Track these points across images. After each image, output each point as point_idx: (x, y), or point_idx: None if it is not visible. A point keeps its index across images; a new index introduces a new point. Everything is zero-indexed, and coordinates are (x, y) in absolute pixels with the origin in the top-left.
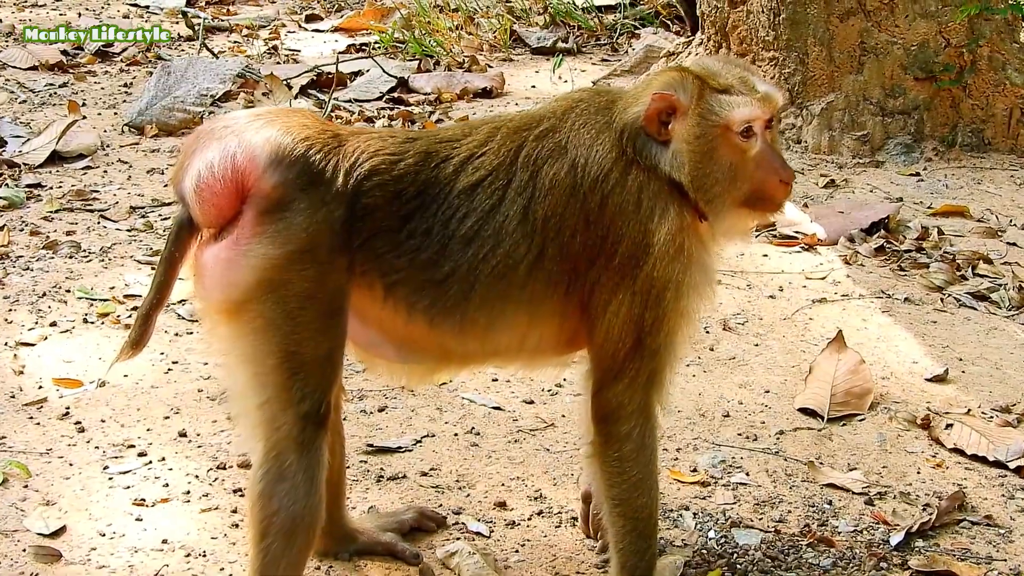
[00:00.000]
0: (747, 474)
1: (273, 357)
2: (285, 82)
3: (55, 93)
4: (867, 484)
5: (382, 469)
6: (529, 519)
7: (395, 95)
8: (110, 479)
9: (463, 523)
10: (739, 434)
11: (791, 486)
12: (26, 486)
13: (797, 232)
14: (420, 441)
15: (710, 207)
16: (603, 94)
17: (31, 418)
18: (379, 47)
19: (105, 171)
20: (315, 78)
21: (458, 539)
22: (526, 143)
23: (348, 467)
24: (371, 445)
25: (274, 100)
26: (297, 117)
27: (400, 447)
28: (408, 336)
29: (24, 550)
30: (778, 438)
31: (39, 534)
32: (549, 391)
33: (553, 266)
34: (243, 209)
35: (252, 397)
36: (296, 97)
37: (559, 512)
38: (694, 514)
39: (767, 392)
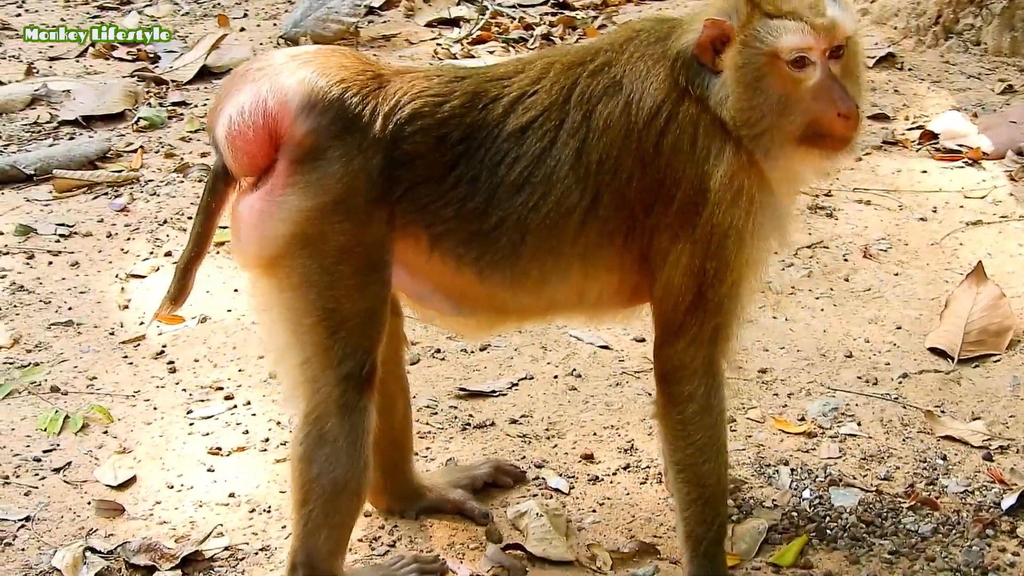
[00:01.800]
0: (859, 424)
1: (310, 315)
2: None
3: (219, 3)
4: (988, 436)
5: (471, 415)
6: (614, 474)
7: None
8: (191, 424)
9: (543, 478)
10: (859, 377)
11: (904, 438)
12: (105, 432)
13: (961, 145)
14: (516, 384)
15: (757, 144)
16: (665, 22)
17: (125, 357)
18: None
19: None
20: None
21: (535, 496)
22: (580, 79)
23: (435, 413)
24: (463, 389)
25: (434, 6)
26: (336, 57)
27: (494, 391)
28: (458, 289)
29: (89, 503)
30: (900, 382)
31: (107, 485)
32: None
33: (609, 214)
34: (277, 157)
35: (291, 356)
36: (458, 3)
37: (647, 466)
38: (792, 470)
39: (898, 329)
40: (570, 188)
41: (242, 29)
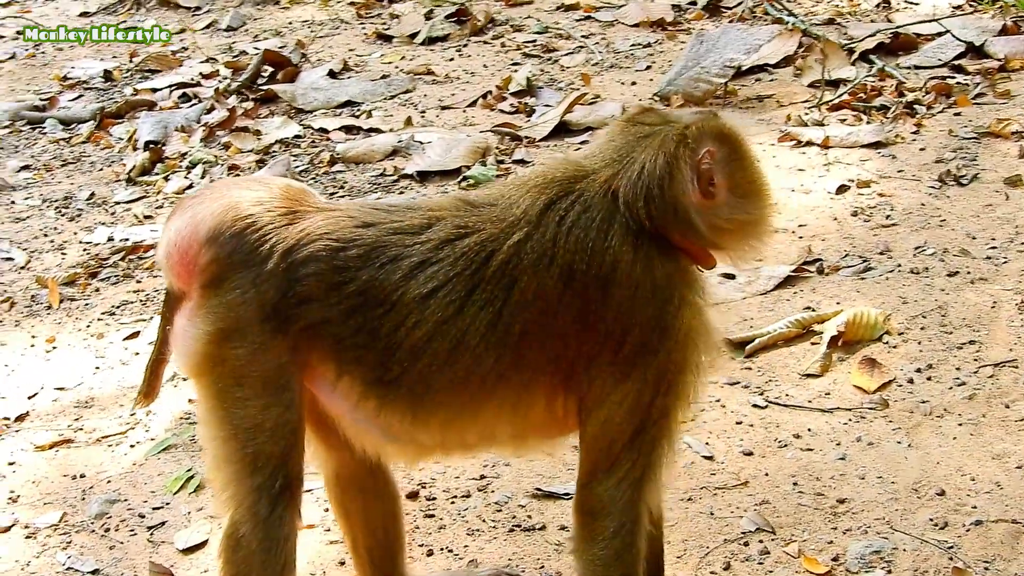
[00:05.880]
0: (888, 572)
1: (223, 429)
2: (846, 47)
3: (632, 55)
4: None
5: (528, 517)
6: None
7: (959, 62)
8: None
9: None
10: (930, 519)
11: None
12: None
13: None
14: None
15: (746, 251)
16: (577, 180)
17: None
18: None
19: None
20: (886, 41)
21: None
22: (496, 254)
23: (499, 511)
24: (539, 489)
25: (826, 67)
26: (261, 191)
27: (568, 494)
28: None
29: (150, 560)
30: (968, 530)
31: (177, 549)
32: (779, 443)
33: (531, 376)
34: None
35: (213, 464)
36: (853, 63)
37: None
38: None
39: (1018, 468)
40: (481, 356)
41: (633, 83)
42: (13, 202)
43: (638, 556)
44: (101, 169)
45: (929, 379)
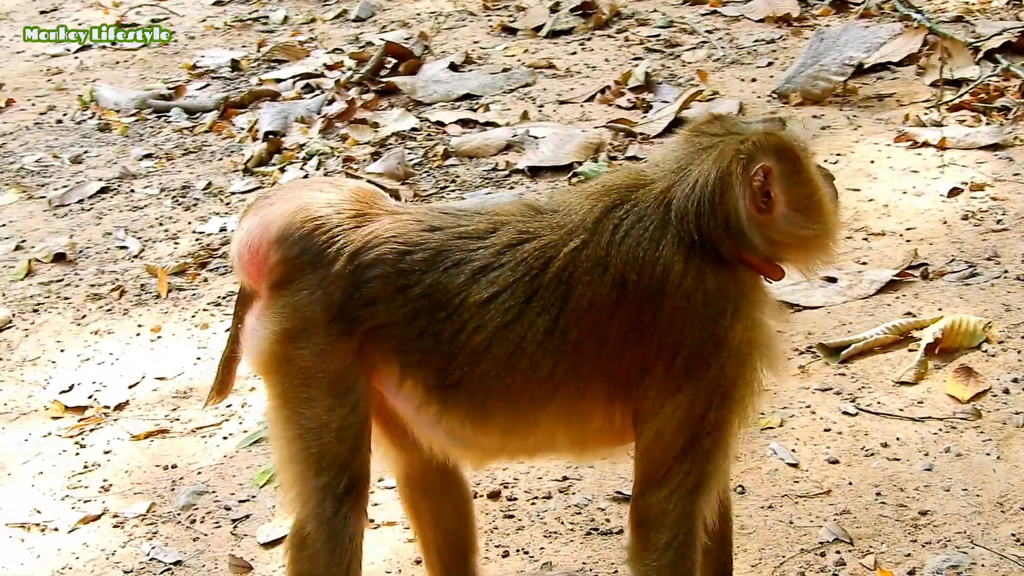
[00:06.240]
0: None
1: (289, 428)
2: (972, 46)
3: (754, 51)
4: None
5: (607, 520)
6: None
7: None
8: (386, 488)
9: None
10: (1012, 535)
11: None
12: None
13: None
14: None
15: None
16: (638, 189)
17: None
18: None
19: None
20: (1013, 40)
21: None
22: (553, 261)
23: (579, 513)
24: (620, 492)
25: (949, 66)
26: (332, 192)
27: None
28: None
29: (230, 553)
30: None
31: (259, 542)
32: (866, 451)
33: (586, 385)
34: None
35: (280, 463)
36: (978, 62)
37: None
38: None
39: None
40: (539, 362)
41: (753, 80)
42: (133, 191)
43: (692, 568)
44: (220, 159)
45: None
